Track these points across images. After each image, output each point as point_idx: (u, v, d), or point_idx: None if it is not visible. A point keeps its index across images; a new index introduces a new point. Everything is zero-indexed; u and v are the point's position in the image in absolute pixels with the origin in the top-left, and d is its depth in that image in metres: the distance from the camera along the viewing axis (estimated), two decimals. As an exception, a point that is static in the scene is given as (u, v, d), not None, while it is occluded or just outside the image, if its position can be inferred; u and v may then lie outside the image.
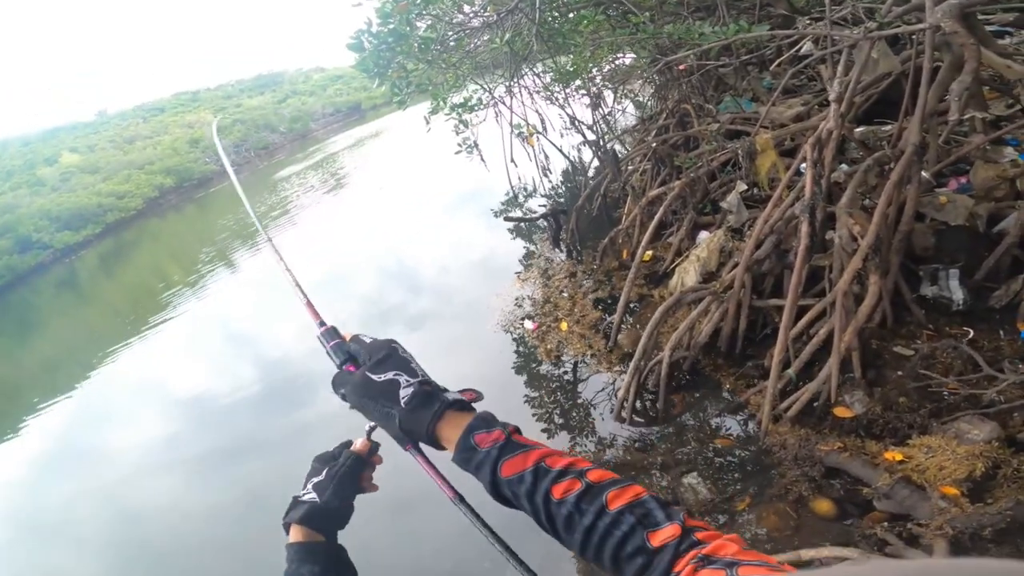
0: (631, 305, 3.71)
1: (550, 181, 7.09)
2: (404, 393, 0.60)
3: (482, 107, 6.24)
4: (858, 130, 3.84)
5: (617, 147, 6.01)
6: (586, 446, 3.03)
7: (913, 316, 2.86)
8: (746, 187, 4.18)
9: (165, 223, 20.21)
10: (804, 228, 3.03)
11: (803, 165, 3.61)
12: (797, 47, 4.65)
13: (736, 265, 3.37)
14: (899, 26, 2.79)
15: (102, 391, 7.15)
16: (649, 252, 4.12)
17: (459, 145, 5.68)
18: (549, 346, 3.78)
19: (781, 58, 5.46)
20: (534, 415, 3.34)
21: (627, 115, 7.17)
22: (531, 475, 0.54)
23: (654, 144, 5.13)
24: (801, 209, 3.13)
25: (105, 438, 5.62)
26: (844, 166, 3.66)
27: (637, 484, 0.53)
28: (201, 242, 14.55)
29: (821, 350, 2.70)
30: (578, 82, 5.89)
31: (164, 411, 5.65)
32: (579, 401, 3.36)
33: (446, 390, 0.63)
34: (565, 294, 4.30)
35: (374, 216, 9.89)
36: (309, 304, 0.78)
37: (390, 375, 0.61)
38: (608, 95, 6.51)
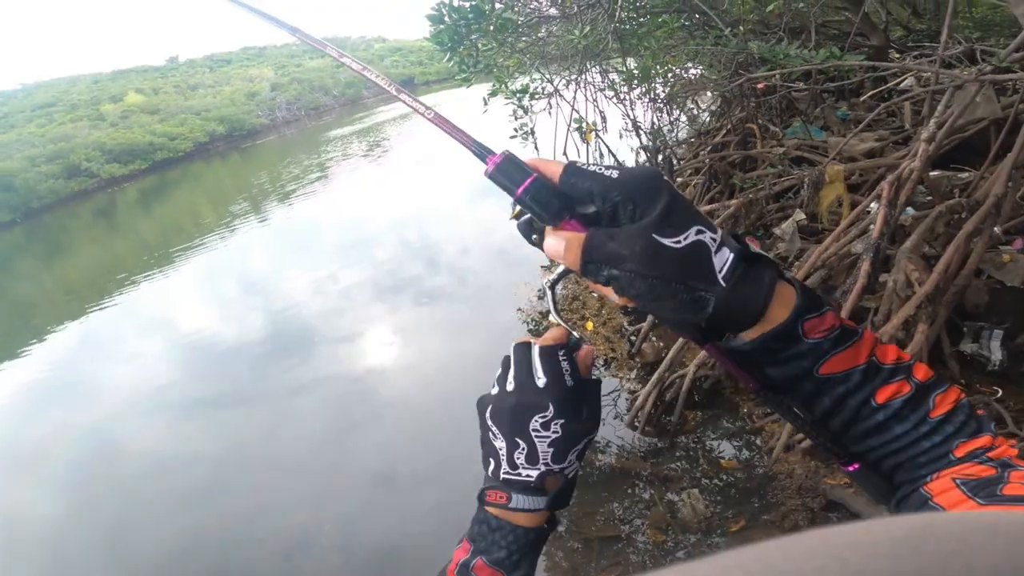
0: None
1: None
2: (719, 260, 0.38)
3: (543, 97, 6.30)
4: (932, 174, 3.74)
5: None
6: (594, 447, 3.06)
7: (947, 369, 2.83)
8: (804, 217, 4.12)
9: (209, 167, 21.07)
10: (864, 266, 3.00)
11: (873, 204, 3.58)
12: (898, 81, 4.58)
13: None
14: (1017, 71, 2.71)
15: (111, 321, 7.52)
16: (689, 267, 4.10)
17: (515, 130, 5.75)
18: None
19: (863, 89, 5.36)
20: None
21: (681, 126, 7.14)
22: (861, 374, 0.42)
23: (708, 160, 5.10)
24: (865, 247, 3.09)
25: (102, 371, 5.89)
26: (911, 209, 3.57)
27: (955, 385, 0.45)
28: (238, 190, 15.12)
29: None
30: (644, 86, 5.91)
31: (166, 350, 5.92)
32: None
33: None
34: (595, 295, 4.32)
35: (406, 188, 10.10)
36: (444, 125, 0.51)
37: (692, 235, 0.38)
38: (672, 103, 6.48)
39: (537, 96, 6.05)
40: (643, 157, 6.01)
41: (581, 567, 2.44)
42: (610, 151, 6.30)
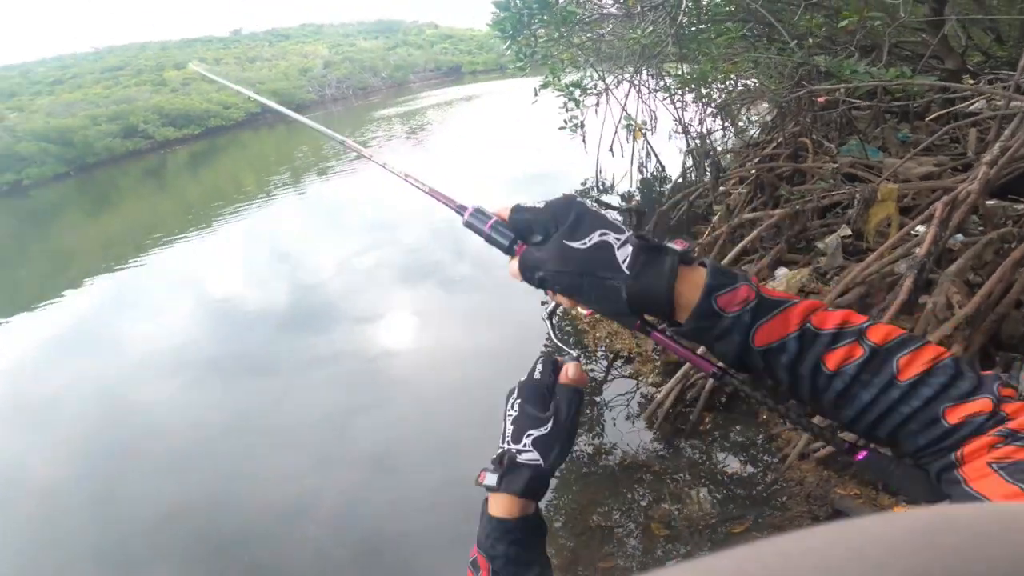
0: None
1: (643, 178, 7.22)
2: (622, 254, 0.47)
3: (596, 92, 6.45)
4: (989, 203, 3.72)
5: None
6: (606, 439, 3.17)
7: None
8: (849, 233, 4.14)
9: (256, 137, 21.92)
10: (907, 284, 3.05)
11: (920, 227, 3.60)
12: (966, 104, 4.54)
13: (813, 306, 3.42)
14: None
15: (142, 277, 7.92)
16: (724, 273, 4.18)
17: (565, 122, 5.92)
18: (598, 334, 3.94)
19: (928, 112, 5.31)
20: None
21: (731, 135, 7.16)
22: (795, 342, 0.44)
23: (754, 170, 5.14)
24: (910, 266, 3.13)
25: (126, 325, 6.15)
26: (960, 235, 3.57)
27: (932, 343, 0.44)
28: (280, 161, 15.71)
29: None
30: (698, 91, 5.98)
31: (190, 310, 6.19)
32: (609, 395, 3.49)
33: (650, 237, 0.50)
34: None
35: (441, 172, 10.31)
36: (433, 192, 0.65)
37: (596, 237, 0.47)
38: (725, 111, 6.52)
39: (589, 92, 6.19)
40: (685, 160, 6.10)
41: (582, 554, 2.53)
42: (653, 152, 6.43)
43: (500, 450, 0.57)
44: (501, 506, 0.56)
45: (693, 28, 4.89)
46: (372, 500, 3.04)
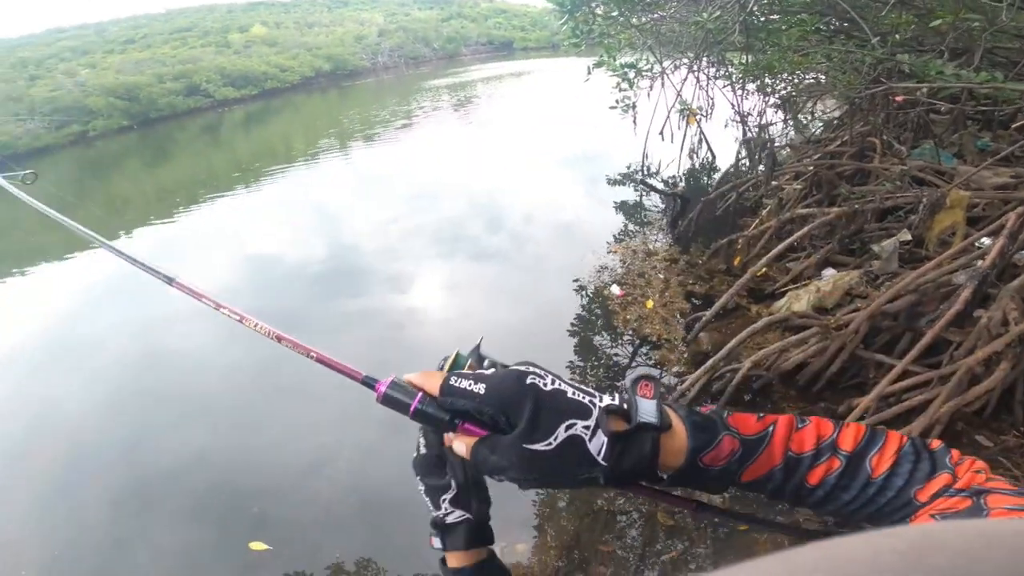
0: (725, 309, 3.76)
1: (691, 166, 7.12)
2: (595, 446, 0.43)
3: (651, 76, 6.36)
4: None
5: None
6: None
7: (1013, 415, 2.76)
8: (909, 239, 3.98)
9: (309, 100, 22.65)
10: (964, 295, 2.95)
11: (985, 239, 3.43)
12: None
13: (857, 309, 3.33)
14: None
15: (189, 227, 8.33)
16: (764, 269, 4.09)
17: (617, 102, 5.90)
18: (628, 316, 3.95)
19: (1014, 121, 4.99)
20: (575, 380, 3.52)
21: (788, 127, 6.94)
22: (781, 472, 0.47)
23: (813, 166, 4.97)
24: (970, 276, 3.02)
25: (172, 271, 6.54)
26: (1025, 252, 3.39)
27: (888, 431, 0.48)
28: (329, 125, 16.17)
29: (901, 416, 2.68)
30: (762, 81, 5.82)
31: (232, 261, 6.50)
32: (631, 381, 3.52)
33: (615, 404, 0.46)
34: (661, 275, 4.41)
35: (484, 146, 10.42)
36: (332, 363, 0.57)
37: (562, 433, 0.43)
38: (788, 104, 6.32)
39: (644, 74, 6.12)
40: (744, 152, 5.95)
41: (584, 536, 2.58)
42: (706, 139, 6.31)
43: (431, 516, 0.58)
44: (455, 560, 0.58)
45: (763, 18, 4.76)
46: (384, 462, 3.13)
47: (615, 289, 4.28)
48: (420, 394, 0.47)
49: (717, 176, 6.38)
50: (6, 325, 5.73)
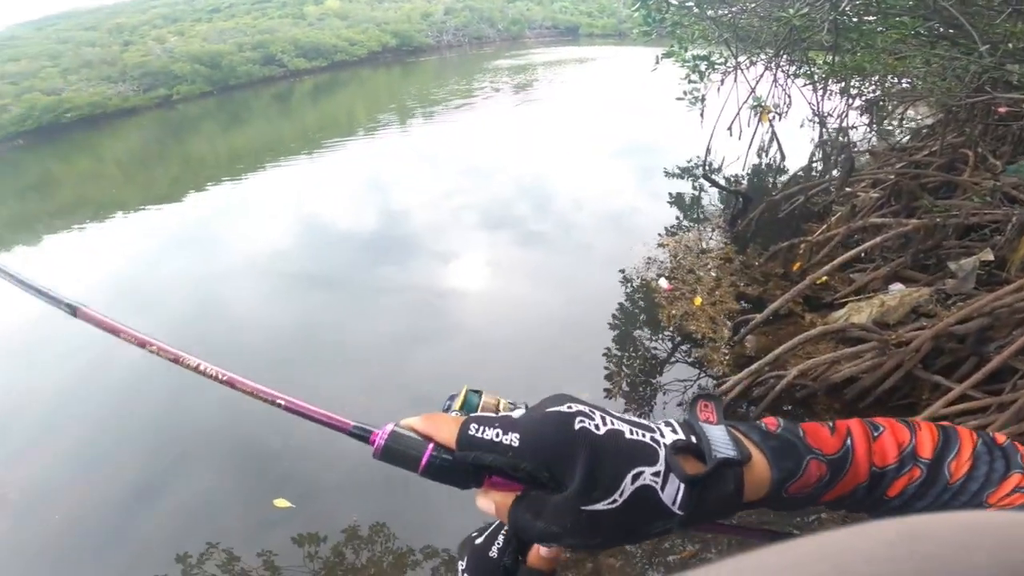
0: (777, 314, 3.68)
1: (757, 164, 6.93)
2: (669, 495, 0.37)
3: (725, 70, 6.22)
4: None
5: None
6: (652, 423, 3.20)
7: None
8: (991, 259, 3.75)
9: (374, 75, 23.49)
10: None
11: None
12: None
13: (922, 328, 3.19)
14: None
15: (256, 189, 8.90)
16: (825, 277, 3.96)
17: (684, 93, 5.82)
18: (673, 312, 3.93)
19: None
20: (610, 371, 3.55)
21: (871, 132, 6.59)
22: (865, 489, 0.45)
23: (894, 175, 4.73)
24: None
25: (235, 230, 6.94)
26: None
27: (960, 429, 0.47)
28: (391, 99, 16.71)
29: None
30: (847, 83, 5.59)
31: (287, 224, 6.87)
32: (667, 378, 3.50)
33: (680, 437, 0.40)
34: (713, 273, 4.34)
35: (541, 130, 10.45)
36: (309, 412, 0.48)
37: (628, 487, 0.36)
38: (875, 108, 6.01)
39: (716, 67, 5.99)
40: (819, 154, 5.71)
41: None
42: (777, 138, 6.09)
43: None
44: None
45: (856, 18, 4.56)
46: None
47: (663, 283, 4.26)
48: (431, 445, 0.39)
49: (785, 177, 6.16)
50: (75, 274, 6.31)
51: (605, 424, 0.38)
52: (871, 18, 4.69)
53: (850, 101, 6.07)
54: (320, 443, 3.28)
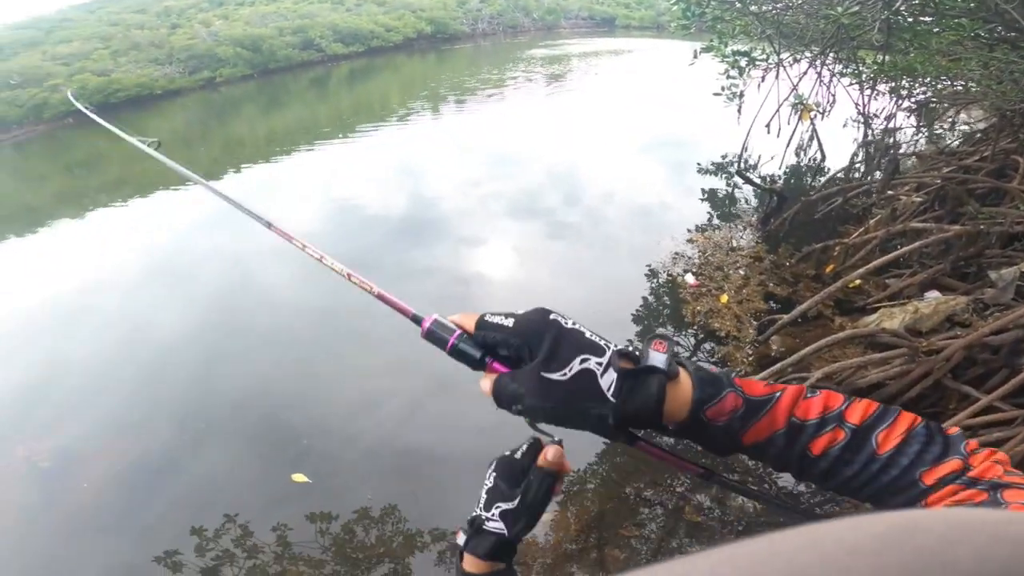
0: (805, 316, 3.67)
1: (795, 164, 6.85)
2: (606, 381, 0.47)
3: (766, 67, 6.14)
4: None
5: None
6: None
7: None
8: (1034, 270, 3.66)
9: (409, 61, 23.86)
10: None
11: None
12: None
13: (956, 337, 3.15)
14: None
15: (288, 170, 9.21)
16: (859, 281, 3.93)
17: (722, 89, 5.78)
18: (698, 308, 3.97)
19: None
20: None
21: (919, 135, 6.40)
22: (783, 437, 0.49)
23: (940, 179, 4.63)
24: None
25: (267, 208, 7.27)
26: None
27: (902, 410, 0.50)
28: (424, 86, 16.96)
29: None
30: (895, 83, 5.47)
31: (318, 206, 7.13)
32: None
33: (628, 350, 0.51)
34: (741, 272, 4.34)
35: (572, 120, 10.47)
36: (383, 296, 0.65)
37: (577, 365, 0.48)
38: (924, 110, 5.86)
39: (758, 63, 5.92)
40: (861, 155, 5.60)
41: (608, 518, 2.67)
42: (818, 138, 5.99)
43: (473, 514, 0.62)
44: (471, 563, 0.62)
45: (911, 18, 4.47)
46: (428, 418, 3.37)
47: (689, 278, 4.28)
48: (458, 332, 0.53)
49: (824, 178, 6.06)
50: (115, 249, 6.68)
51: (573, 324, 0.50)
52: (926, 19, 4.59)
53: (899, 102, 5.93)
54: (341, 420, 3.45)
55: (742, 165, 5.96)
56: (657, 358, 0.49)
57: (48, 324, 4.97)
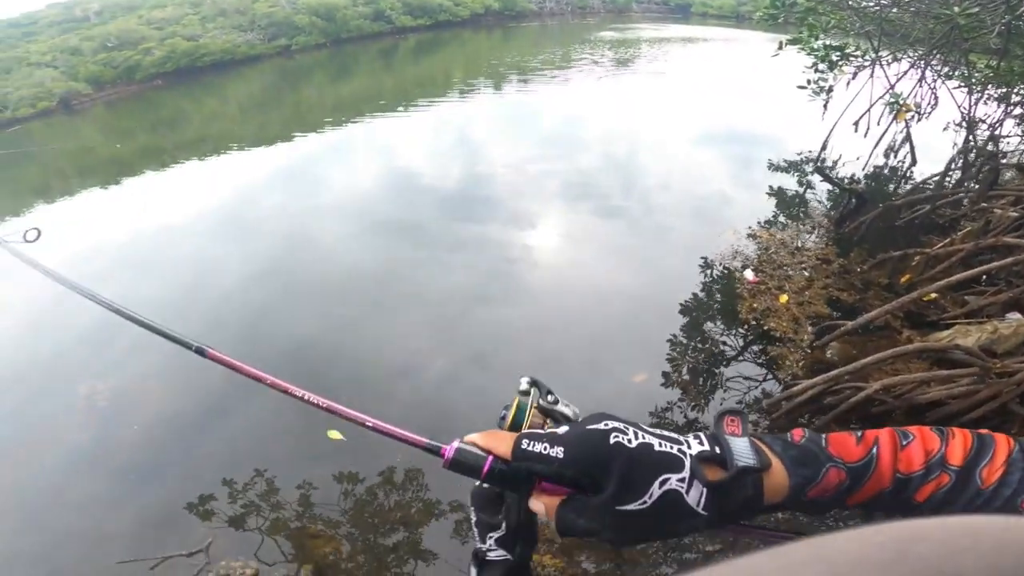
0: (871, 325, 3.56)
1: (880, 166, 6.54)
2: (693, 497, 0.44)
3: (860, 64, 5.89)
4: None
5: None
6: (706, 416, 3.20)
7: None
8: None
9: (475, 37, 24.32)
10: None
11: None
12: None
13: (1036, 361, 2.99)
14: None
15: (353, 136, 9.75)
16: (935, 294, 3.76)
17: (808, 82, 5.62)
18: (755, 305, 3.91)
19: None
20: (673, 357, 3.60)
21: (1016, 143, 5.96)
22: (890, 494, 0.48)
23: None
24: None
25: (328, 173, 7.60)
26: None
27: (996, 436, 0.48)
28: (489, 62, 17.22)
29: None
30: (1009, 89, 5.13)
31: (377, 172, 7.48)
32: (731, 372, 3.50)
33: (707, 449, 0.46)
34: (806, 273, 4.23)
35: (638, 106, 10.42)
36: (391, 431, 0.62)
37: (657, 490, 0.44)
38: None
39: (852, 60, 5.68)
40: (959, 163, 5.25)
41: None
42: (911, 141, 5.65)
43: (475, 547, 0.61)
44: None
45: None
46: (464, 390, 3.48)
47: (748, 274, 4.22)
48: (491, 457, 0.49)
49: (911, 184, 5.75)
50: (206, 199, 7.22)
51: (637, 438, 0.45)
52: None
53: (1009, 109, 5.54)
54: (382, 377, 3.65)
55: (820, 163, 5.74)
56: (740, 449, 0.46)
57: (119, 270, 5.44)
